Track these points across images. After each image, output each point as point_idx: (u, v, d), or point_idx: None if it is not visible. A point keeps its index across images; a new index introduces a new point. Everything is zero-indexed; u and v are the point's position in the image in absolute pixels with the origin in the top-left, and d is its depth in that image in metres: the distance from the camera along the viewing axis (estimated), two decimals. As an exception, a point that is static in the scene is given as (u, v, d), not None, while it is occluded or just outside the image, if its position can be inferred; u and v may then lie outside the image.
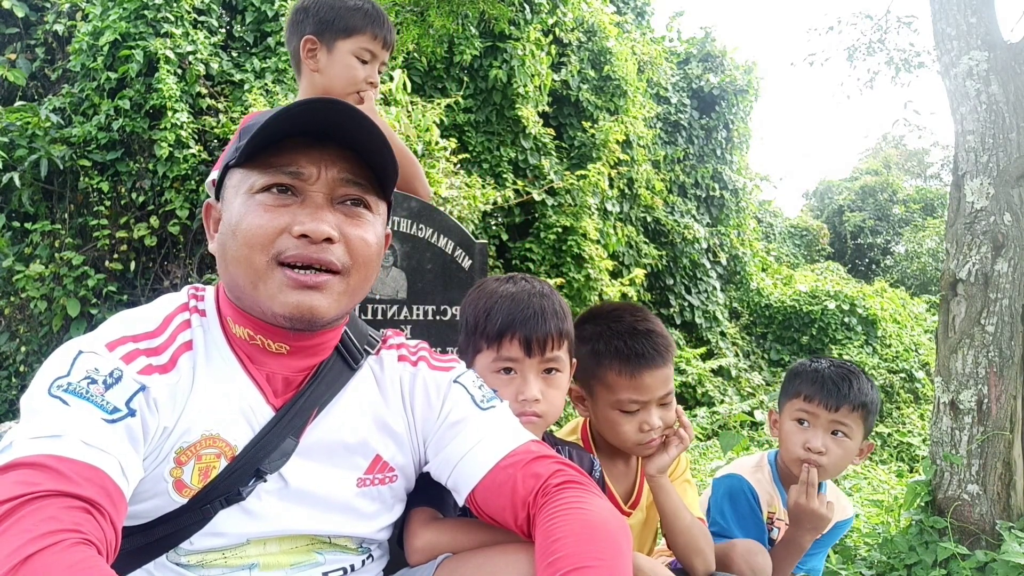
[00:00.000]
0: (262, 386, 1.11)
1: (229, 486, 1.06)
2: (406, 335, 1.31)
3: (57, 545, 0.78)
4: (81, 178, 4.99)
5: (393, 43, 2.08)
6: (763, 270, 11.23)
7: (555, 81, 7.55)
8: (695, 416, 7.18)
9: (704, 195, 10.02)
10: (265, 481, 1.08)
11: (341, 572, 1.16)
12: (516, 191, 6.64)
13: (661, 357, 1.56)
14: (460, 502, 1.17)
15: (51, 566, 0.77)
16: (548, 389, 1.45)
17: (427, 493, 1.26)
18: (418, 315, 2.18)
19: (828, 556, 2.91)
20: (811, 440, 1.76)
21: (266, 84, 5.27)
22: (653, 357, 1.55)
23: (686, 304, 9.27)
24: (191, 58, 5.10)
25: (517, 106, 6.89)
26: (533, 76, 7.03)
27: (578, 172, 6.82)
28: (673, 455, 1.59)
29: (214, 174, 1.35)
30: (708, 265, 9.65)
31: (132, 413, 0.97)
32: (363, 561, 1.20)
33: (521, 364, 1.42)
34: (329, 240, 1.04)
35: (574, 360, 1.54)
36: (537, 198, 6.70)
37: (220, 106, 5.26)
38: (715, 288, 9.72)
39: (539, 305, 1.44)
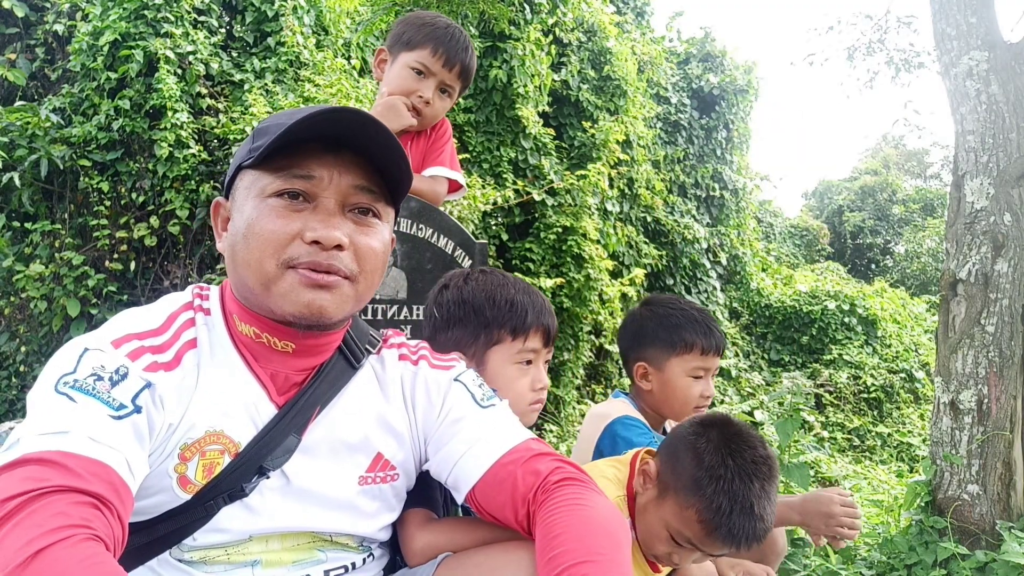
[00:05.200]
0: (265, 384, 1.12)
1: (232, 483, 1.07)
2: (406, 335, 1.32)
3: (67, 540, 0.79)
4: (81, 178, 4.98)
5: (459, 65, 2.03)
6: (763, 270, 11.22)
7: (555, 81, 7.54)
8: (695, 416, 7.16)
9: (704, 195, 10.01)
10: (268, 478, 1.09)
11: (342, 570, 1.17)
12: (516, 191, 6.63)
13: (741, 548, 1.36)
14: (460, 500, 1.18)
15: (61, 561, 0.77)
16: None
17: (418, 494, 1.27)
18: (418, 315, 2.18)
19: (828, 556, 2.91)
20: (707, 388, 1.88)
21: (266, 84, 5.26)
22: (739, 544, 1.35)
23: (686, 304, 9.26)
24: (191, 58, 5.09)
25: (517, 106, 6.88)
26: (533, 76, 7.02)
27: (578, 172, 6.80)
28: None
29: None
30: (708, 265, 9.64)
31: (138, 410, 0.98)
32: (364, 559, 1.20)
33: (538, 355, 1.50)
34: (339, 247, 1.05)
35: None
36: (537, 198, 6.69)
37: (220, 106, 5.25)
38: (715, 288, 9.70)
39: (544, 299, 1.52)
